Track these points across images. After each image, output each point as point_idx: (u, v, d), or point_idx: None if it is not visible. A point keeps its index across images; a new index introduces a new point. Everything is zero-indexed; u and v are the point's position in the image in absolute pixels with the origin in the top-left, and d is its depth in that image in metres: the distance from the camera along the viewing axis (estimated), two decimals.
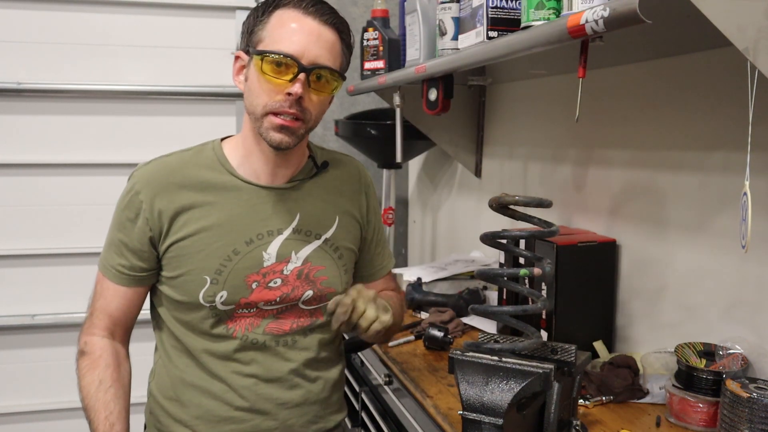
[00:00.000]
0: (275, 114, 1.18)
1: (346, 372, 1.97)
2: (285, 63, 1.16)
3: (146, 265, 1.27)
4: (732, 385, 1.07)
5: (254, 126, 1.22)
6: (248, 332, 1.28)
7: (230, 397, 1.28)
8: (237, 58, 1.25)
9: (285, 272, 1.28)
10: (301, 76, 1.16)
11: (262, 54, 1.17)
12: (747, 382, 1.08)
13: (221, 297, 1.25)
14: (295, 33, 1.18)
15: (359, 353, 1.81)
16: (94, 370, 1.26)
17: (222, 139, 1.33)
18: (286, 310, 1.30)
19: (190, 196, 1.25)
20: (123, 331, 1.33)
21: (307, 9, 1.19)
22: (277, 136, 1.19)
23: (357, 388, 1.84)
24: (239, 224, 1.25)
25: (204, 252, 1.24)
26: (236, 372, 1.28)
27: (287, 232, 1.28)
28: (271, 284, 1.27)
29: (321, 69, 1.19)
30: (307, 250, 1.30)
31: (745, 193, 0.87)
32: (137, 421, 1.35)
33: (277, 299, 1.28)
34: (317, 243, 1.30)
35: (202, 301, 1.25)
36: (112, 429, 1.22)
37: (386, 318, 1.22)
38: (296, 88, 1.16)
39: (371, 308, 1.20)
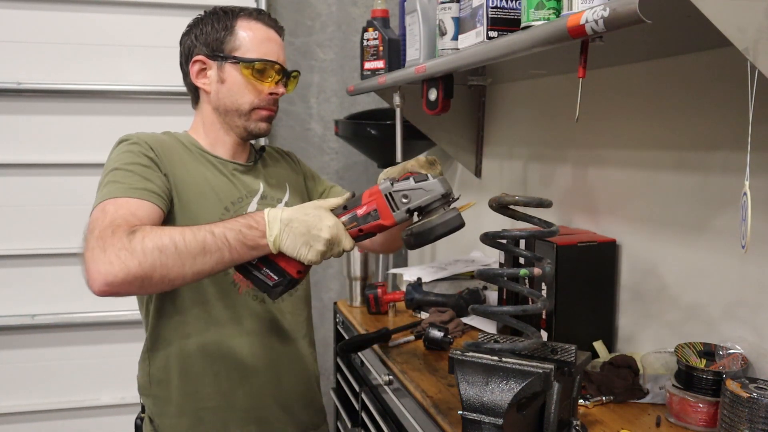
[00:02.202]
0: (261, 109, 1.42)
1: (346, 372, 1.97)
2: (270, 68, 1.40)
3: (167, 197, 1.30)
4: (732, 385, 1.07)
5: (235, 121, 1.42)
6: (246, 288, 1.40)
7: (242, 353, 1.39)
8: (195, 62, 1.42)
9: None
10: (283, 78, 1.44)
11: (252, 61, 1.39)
12: (747, 382, 1.08)
13: None
14: (269, 42, 1.42)
15: (359, 353, 1.81)
16: (163, 227, 1.14)
17: None
18: None
19: (180, 165, 1.37)
20: None
21: (264, 20, 1.43)
22: (264, 125, 1.45)
23: (357, 388, 1.84)
24: (222, 189, 1.41)
25: (204, 208, 1.36)
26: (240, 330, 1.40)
27: (257, 198, 1.46)
28: None
29: (294, 72, 1.48)
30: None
31: (745, 193, 0.87)
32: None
33: None
34: (280, 206, 1.47)
35: None
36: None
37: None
38: (282, 88, 1.44)
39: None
